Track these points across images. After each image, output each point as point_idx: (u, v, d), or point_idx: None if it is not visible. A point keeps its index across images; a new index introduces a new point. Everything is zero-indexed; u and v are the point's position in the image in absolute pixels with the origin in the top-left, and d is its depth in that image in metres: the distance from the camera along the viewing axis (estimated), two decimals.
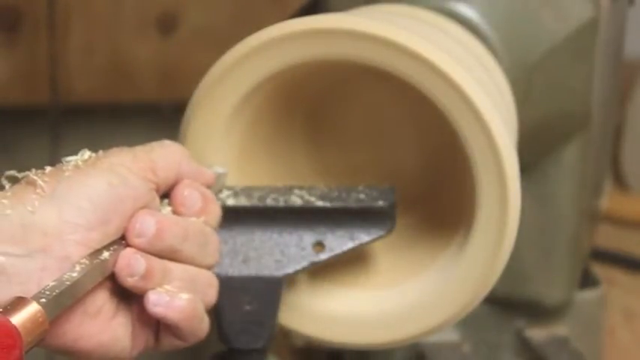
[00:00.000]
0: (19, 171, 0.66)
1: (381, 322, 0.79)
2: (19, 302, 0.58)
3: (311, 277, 0.81)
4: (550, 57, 0.93)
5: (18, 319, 0.57)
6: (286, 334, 0.81)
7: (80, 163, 0.66)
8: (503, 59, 0.90)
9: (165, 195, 0.71)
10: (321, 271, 0.80)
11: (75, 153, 0.67)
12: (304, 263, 0.76)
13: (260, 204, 0.75)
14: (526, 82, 0.92)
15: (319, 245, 0.76)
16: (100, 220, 0.64)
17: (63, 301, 0.61)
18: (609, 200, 1.23)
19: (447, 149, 0.82)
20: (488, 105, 0.73)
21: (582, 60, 0.94)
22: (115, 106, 1.54)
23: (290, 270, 0.76)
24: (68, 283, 0.61)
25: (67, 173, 0.65)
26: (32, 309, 0.58)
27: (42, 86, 1.50)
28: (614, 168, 1.58)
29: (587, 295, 1.07)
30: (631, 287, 1.38)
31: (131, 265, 0.65)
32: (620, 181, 1.61)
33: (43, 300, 0.59)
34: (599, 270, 1.15)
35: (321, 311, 0.80)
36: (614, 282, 1.37)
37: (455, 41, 0.84)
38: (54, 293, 0.60)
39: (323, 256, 0.76)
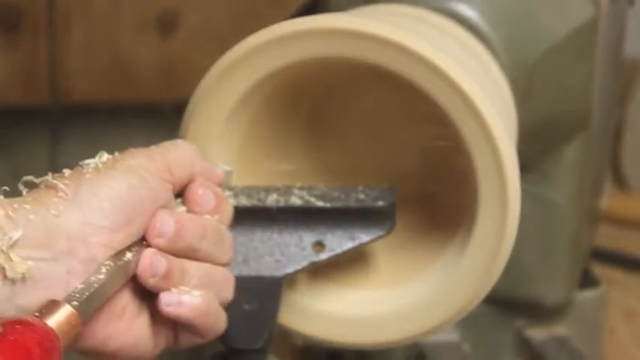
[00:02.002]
0: (19, 171, 0.66)
1: (381, 322, 0.79)
2: (52, 305, 0.59)
3: (311, 277, 0.81)
4: (550, 57, 0.93)
5: (54, 322, 0.58)
6: (286, 334, 0.81)
7: (100, 165, 0.66)
8: (503, 59, 0.90)
9: (178, 195, 0.71)
10: (321, 271, 0.80)
11: (75, 153, 0.67)
12: (304, 263, 0.76)
13: (260, 204, 0.75)
14: (526, 82, 0.92)
15: (319, 245, 0.76)
16: (122, 222, 0.65)
17: (93, 303, 0.61)
18: (609, 200, 1.23)
19: (447, 149, 0.82)
20: (488, 105, 0.73)
21: (582, 60, 0.94)
22: (115, 106, 1.54)
23: (290, 270, 0.75)
24: (96, 285, 0.62)
25: (87, 176, 0.65)
26: (66, 311, 0.58)
27: (42, 86, 1.50)
28: (614, 168, 1.58)
29: (587, 295, 1.07)
30: (631, 287, 1.38)
31: (153, 265, 0.66)
32: (620, 181, 1.61)
33: (75, 302, 0.59)
34: (599, 270, 1.15)
35: (321, 311, 0.80)
36: (614, 282, 1.37)
37: (455, 41, 0.84)
38: (84, 295, 0.60)
39: (323, 256, 0.76)
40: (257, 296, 0.75)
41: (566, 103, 0.96)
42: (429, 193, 0.86)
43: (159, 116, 1.44)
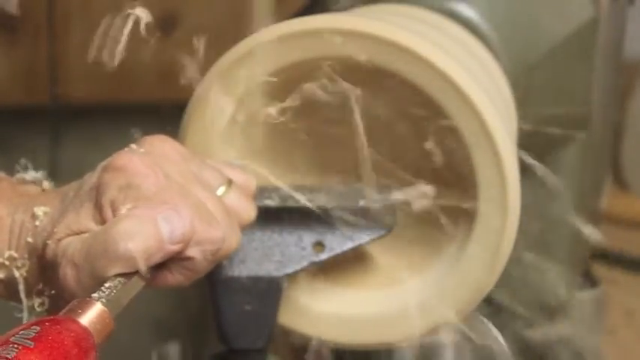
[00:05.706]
0: (19, 171, 0.66)
1: (381, 322, 0.79)
2: (84, 304, 0.58)
3: (311, 277, 0.81)
4: (550, 57, 0.93)
5: (87, 320, 0.57)
6: (286, 334, 0.81)
7: None
8: (503, 59, 0.90)
9: None
10: (321, 271, 0.80)
11: (75, 153, 0.67)
12: (304, 263, 0.76)
13: (260, 204, 0.75)
14: (526, 82, 0.92)
15: (319, 245, 0.76)
16: None
17: (122, 300, 0.62)
18: (609, 200, 1.23)
19: (446, 149, 0.82)
20: (488, 105, 0.73)
21: (582, 60, 0.94)
22: (115, 107, 1.54)
23: (290, 270, 0.75)
24: (124, 281, 0.62)
25: None
26: (98, 309, 0.58)
27: (42, 86, 1.50)
28: (614, 168, 1.58)
29: (587, 295, 1.07)
30: (631, 287, 1.38)
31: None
32: (620, 181, 1.61)
33: (105, 300, 0.59)
34: (599, 270, 1.15)
35: (321, 311, 0.80)
36: (615, 282, 1.37)
37: (455, 41, 0.84)
38: (113, 293, 0.61)
39: (323, 256, 0.76)
40: (257, 296, 0.75)
41: (566, 103, 0.96)
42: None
43: (159, 117, 1.44)
